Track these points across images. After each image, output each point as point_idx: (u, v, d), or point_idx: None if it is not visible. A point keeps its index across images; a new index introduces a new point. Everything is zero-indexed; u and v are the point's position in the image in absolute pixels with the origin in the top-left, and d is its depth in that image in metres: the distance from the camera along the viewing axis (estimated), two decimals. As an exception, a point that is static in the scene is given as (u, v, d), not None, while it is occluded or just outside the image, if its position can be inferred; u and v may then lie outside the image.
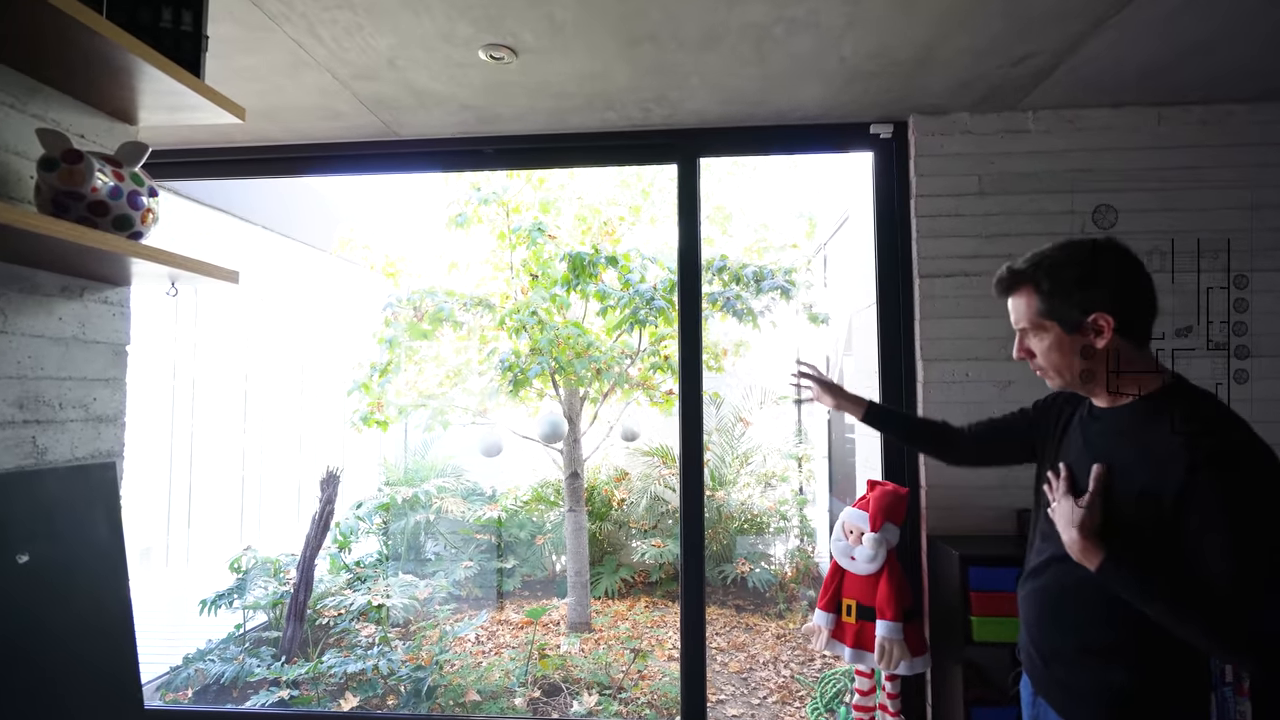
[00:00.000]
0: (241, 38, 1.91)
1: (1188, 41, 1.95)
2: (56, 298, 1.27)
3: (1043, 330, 1.20)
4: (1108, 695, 1.13)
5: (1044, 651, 1.24)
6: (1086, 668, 1.17)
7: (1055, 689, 1.22)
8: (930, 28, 1.89)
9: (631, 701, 3.55)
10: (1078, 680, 1.18)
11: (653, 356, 4.48)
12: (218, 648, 3.75)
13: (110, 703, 1.26)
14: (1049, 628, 1.23)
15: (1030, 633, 1.28)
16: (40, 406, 1.23)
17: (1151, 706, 1.12)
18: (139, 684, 1.33)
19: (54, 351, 1.26)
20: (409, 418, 5.02)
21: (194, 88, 1.26)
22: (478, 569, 5.30)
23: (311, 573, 4.04)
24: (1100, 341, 1.16)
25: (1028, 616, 1.29)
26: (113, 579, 1.28)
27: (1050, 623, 1.23)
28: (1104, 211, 2.38)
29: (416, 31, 1.90)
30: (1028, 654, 1.30)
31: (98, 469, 1.31)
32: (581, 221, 4.57)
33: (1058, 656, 1.21)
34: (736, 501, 5.62)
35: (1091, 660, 1.16)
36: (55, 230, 1.02)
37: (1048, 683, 1.24)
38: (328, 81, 2.18)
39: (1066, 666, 1.20)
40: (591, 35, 1.92)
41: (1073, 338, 1.18)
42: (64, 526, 1.21)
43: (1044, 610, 1.24)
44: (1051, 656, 1.22)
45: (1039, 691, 1.27)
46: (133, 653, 1.32)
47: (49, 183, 1.08)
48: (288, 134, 2.60)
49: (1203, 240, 2.37)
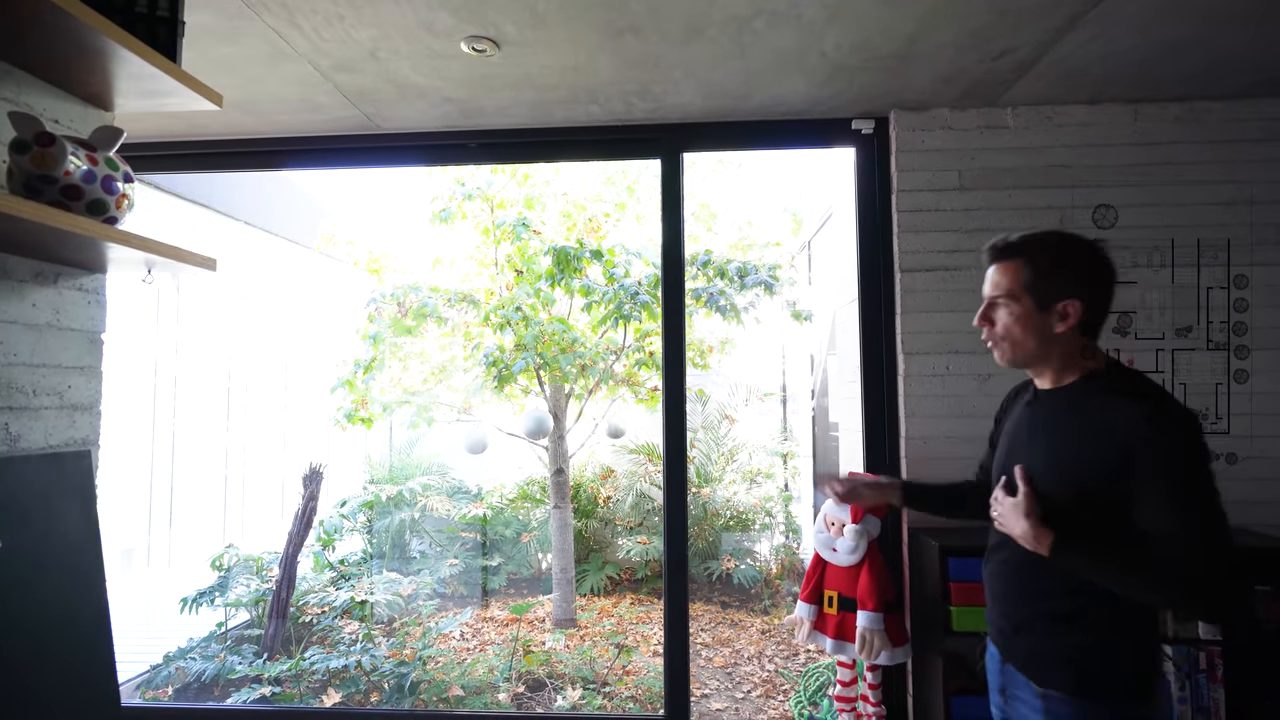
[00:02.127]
0: (220, 26, 1.89)
1: (1164, 38, 1.98)
2: (29, 283, 1.25)
3: (1015, 303, 1.27)
4: (1075, 658, 1.21)
5: (1014, 621, 1.31)
6: (1054, 634, 1.25)
7: (1024, 656, 1.29)
8: (913, 21, 1.91)
9: (615, 696, 3.55)
10: (1045, 646, 1.26)
11: (638, 353, 4.49)
12: (199, 646, 3.71)
13: (85, 694, 1.24)
14: (1017, 599, 1.31)
15: (999, 605, 1.35)
16: (13, 393, 1.21)
17: (1113, 665, 1.20)
18: (115, 675, 1.31)
19: (27, 338, 1.24)
20: (393, 415, 5.00)
21: (170, 72, 1.25)
22: (463, 567, 5.29)
23: (294, 569, 4.01)
24: (1060, 327, 1.25)
25: (996, 590, 1.36)
26: (88, 568, 1.27)
27: (1018, 594, 1.31)
28: (1103, 211, 2.42)
29: (398, 22, 1.89)
30: (997, 626, 1.37)
31: (72, 457, 1.30)
32: (567, 217, 4.57)
33: (1026, 625, 1.29)
34: (722, 498, 5.64)
35: (1058, 627, 1.24)
36: (25, 212, 1.01)
37: (1016, 650, 1.31)
38: (308, 73, 2.17)
39: (1034, 634, 1.28)
40: (573, 27, 1.92)
41: (1040, 316, 1.26)
42: (37, 514, 1.19)
43: (1011, 583, 1.32)
44: (1020, 625, 1.30)
45: (1007, 659, 1.33)
46: (108, 643, 1.31)
47: (21, 166, 1.07)
48: (267, 126, 2.58)
49: (1177, 238, 2.41)
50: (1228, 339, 2.42)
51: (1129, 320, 2.44)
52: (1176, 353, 2.43)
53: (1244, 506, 2.29)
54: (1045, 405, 1.33)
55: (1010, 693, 1.34)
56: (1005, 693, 1.35)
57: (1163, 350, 2.43)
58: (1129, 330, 2.44)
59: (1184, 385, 2.43)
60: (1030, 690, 1.26)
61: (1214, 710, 2.03)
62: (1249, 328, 2.40)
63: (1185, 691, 2.04)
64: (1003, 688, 1.36)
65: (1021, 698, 1.30)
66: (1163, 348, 2.43)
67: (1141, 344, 2.44)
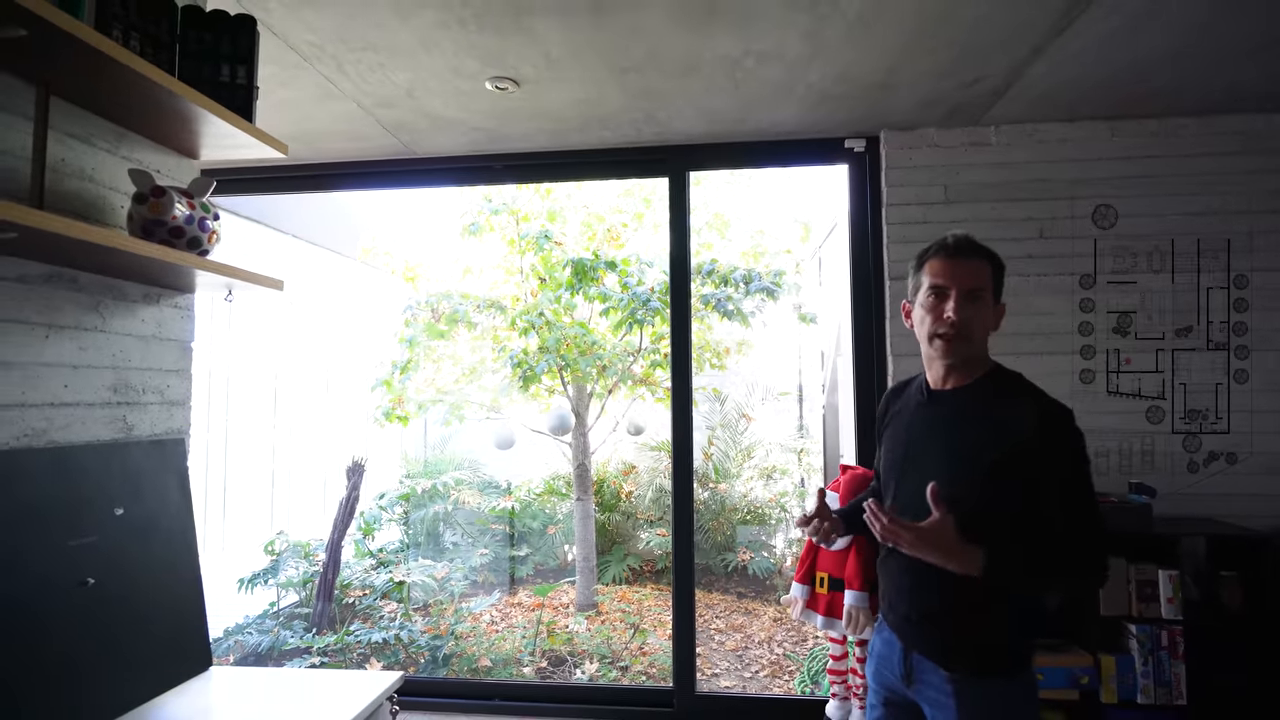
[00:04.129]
0: (279, 75, 2.20)
1: (1124, 62, 2.14)
2: (139, 303, 1.55)
3: (984, 296, 1.35)
4: (981, 641, 1.31)
5: (921, 610, 1.36)
6: (961, 623, 1.32)
7: (931, 644, 1.35)
8: (887, 56, 2.11)
9: (630, 671, 3.82)
10: (953, 634, 1.32)
11: (653, 354, 4.74)
12: (255, 622, 4.08)
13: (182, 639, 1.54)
14: (922, 592, 1.35)
15: (904, 597, 1.39)
16: (128, 391, 1.52)
17: (1012, 643, 1.33)
18: (206, 624, 1.61)
19: (138, 347, 1.55)
20: (428, 413, 5.33)
21: (246, 130, 1.53)
22: (492, 557, 5.59)
23: (339, 553, 4.35)
24: (996, 328, 1.38)
25: (900, 584, 1.40)
26: (185, 532, 1.57)
27: (923, 588, 1.35)
28: (1103, 211, 2.53)
29: (430, 67, 2.17)
30: (901, 614, 1.40)
31: (171, 443, 1.60)
32: (587, 228, 4.84)
33: (933, 616, 1.34)
34: (739, 494, 5.85)
35: (965, 615, 1.31)
36: (145, 250, 1.30)
37: (922, 639, 1.36)
38: (353, 109, 2.47)
39: (941, 623, 1.33)
40: (582, 67, 2.17)
41: (994, 309, 1.38)
42: (147, 488, 1.49)
43: (916, 577, 1.35)
44: (927, 615, 1.35)
45: (912, 648, 1.39)
46: (200, 596, 1.61)
47: (140, 213, 1.36)
48: (318, 154, 2.89)
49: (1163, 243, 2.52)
50: (1228, 339, 2.47)
51: (1129, 320, 2.51)
52: (1176, 353, 2.49)
53: (1244, 506, 2.41)
54: (944, 405, 1.38)
55: (917, 677, 1.37)
56: (911, 678, 1.38)
57: (1163, 350, 2.50)
58: (1129, 330, 2.51)
59: (1184, 385, 2.49)
60: (939, 675, 1.32)
61: (1175, 684, 2.19)
62: (1249, 328, 2.46)
63: (1148, 667, 2.20)
64: (907, 673, 1.39)
65: (930, 682, 1.34)
66: (1163, 348, 2.50)
67: (1141, 344, 2.51)
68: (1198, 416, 2.49)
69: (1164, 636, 2.21)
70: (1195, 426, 2.49)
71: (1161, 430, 2.50)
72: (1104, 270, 2.55)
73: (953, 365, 1.37)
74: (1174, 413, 2.50)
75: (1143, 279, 2.53)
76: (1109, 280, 2.54)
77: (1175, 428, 2.50)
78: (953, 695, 1.30)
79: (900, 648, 1.41)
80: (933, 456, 1.36)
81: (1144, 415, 2.51)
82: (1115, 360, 2.53)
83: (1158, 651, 2.21)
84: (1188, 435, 2.49)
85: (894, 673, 1.43)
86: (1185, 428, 2.49)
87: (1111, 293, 2.54)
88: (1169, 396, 2.50)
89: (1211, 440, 2.48)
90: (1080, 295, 2.55)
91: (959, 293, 1.32)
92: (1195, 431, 2.49)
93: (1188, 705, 2.18)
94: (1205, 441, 2.48)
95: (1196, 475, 2.47)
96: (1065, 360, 2.55)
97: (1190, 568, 2.30)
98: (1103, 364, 2.53)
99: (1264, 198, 2.48)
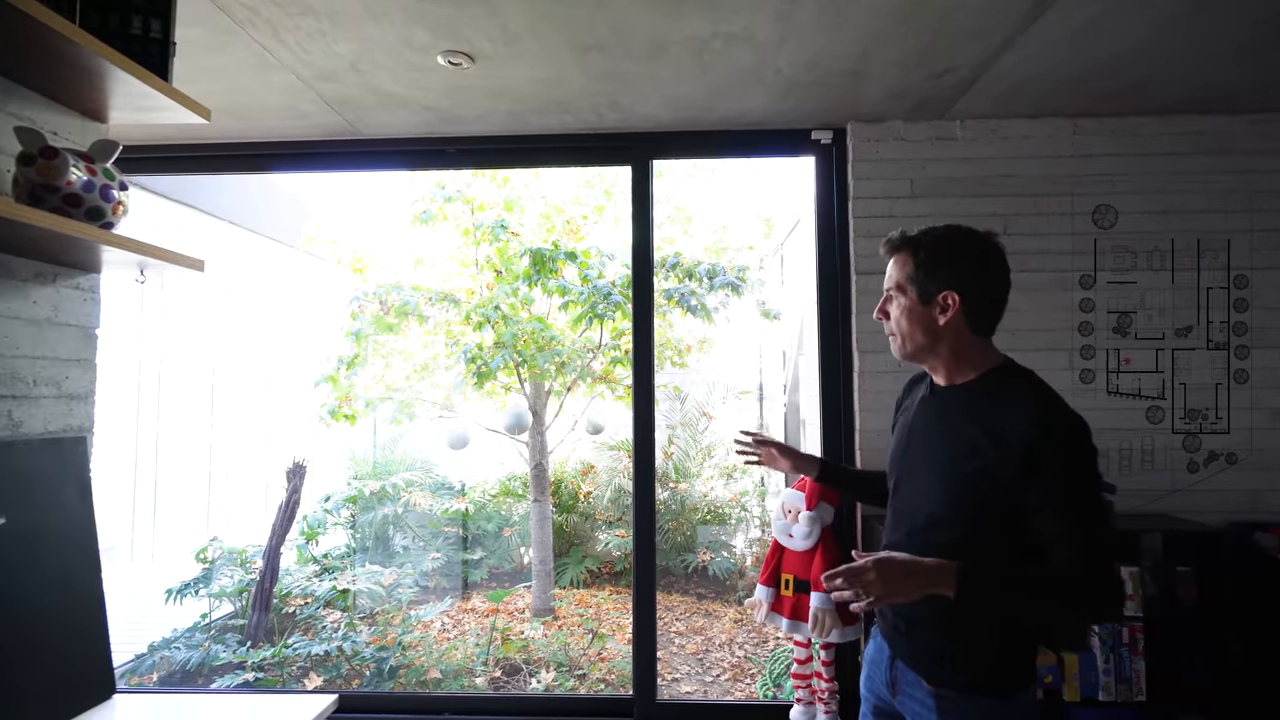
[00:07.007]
0: (209, 40, 2.00)
1: (1092, 58, 2.13)
2: (31, 282, 1.36)
3: (903, 295, 1.30)
4: (968, 655, 1.24)
5: (908, 618, 1.32)
6: (947, 632, 1.26)
7: (916, 653, 1.30)
8: (859, 43, 2.05)
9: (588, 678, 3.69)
10: (938, 644, 1.27)
11: (614, 351, 4.63)
12: (183, 635, 3.80)
13: (80, 666, 1.36)
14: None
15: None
16: (15, 382, 1.32)
17: (1002, 659, 1.25)
18: (109, 649, 1.43)
19: (28, 332, 1.36)
20: (376, 411, 5.10)
21: (161, 90, 1.36)
22: (445, 561, 5.39)
23: (277, 560, 4.10)
24: (943, 319, 1.27)
25: None
26: (84, 544, 1.38)
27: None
28: (1104, 211, 2.51)
29: (377, 38, 2.01)
30: (890, 623, 1.37)
31: (69, 442, 1.41)
32: (546, 219, 4.69)
33: (920, 623, 1.29)
34: (699, 493, 5.78)
35: (951, 625, 1.25)
36: (32, 218, 1.12)
37: (908, 648, 1.32)
38: (292, 82, 2.28)
39: (927, 632, 1.28)
40: (543, 43, 2.04)
41: (924, 308, 1.28)
42: (38, 494, 1.31)
43: None
44: (914, 623, 1.30)
45: (898, 655, 1.34)
46: (103, 617, 1.42)
47: (27, 177, 1.18)
48: (254, 131, 2.68)
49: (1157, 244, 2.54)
50: (1228, 339, 2.47)
51: (1129, 320, 2.51)
52: (1176, 352, 2.49)
53: (1244, 505, 2.43)
54: (941, 402, 1.34)
55: (901, 689, 1.33)
56: (895, 688, 1.35)
57: (1163, 350, 2.50)
58: (1129, 330, 2.51)
59: (1184, 385, 2.49)
60: (922, 689, 1.27)
61: (1135, 681, 2.19)
62: (1249, 327, 2.47)
63: (1109, 664, 2.20)
64: (892, 682, 1.36)
65: (913, 695, 1.30)
66: (1163, 348, 2.50)
67: (1141, 344, 2.50)
68: (1198, 416, 2.50)
69: (1125, 633, 2.21)
70: (1195, 426, 2.50)
71: (1161, 430, 2.51)
72: (1104, 268, 2.54)
73: (934, 364, 1.35)
74: (1174, 412, 2.51)
75: (1143, 278, 2.52)
76: (1109, 280, 2.54)
77: (1175, 427, 2.50)
78: (935, 711, 1.25)
79: (888, 655, 1.38)
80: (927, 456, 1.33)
81: (1144, 415, 2.51)
82: (1115, 360, 2.53)
83: (1119, 648, 2.21)
84: (1188, 435, 2.50)
85: (882, 680, 1.40)
86: (1185, 427, 2.50)
87: (1111, 293, 2.54)
88: (1169, 396, 2.51)
89: (1211, 440, 2.49)
90: (1080, 295, 2.55)
91: (886, 293, 1.35)
92: (1195, 431, 2.50)
93: (1147, 701, 2.18)
94: (1205, 441, 2.49)
95: (1197, 475, 2.49)
96: (1065, 360, 2.54)
97: (1149, 564, 2.31)
98: (1103, 364, 2.53)
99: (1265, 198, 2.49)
